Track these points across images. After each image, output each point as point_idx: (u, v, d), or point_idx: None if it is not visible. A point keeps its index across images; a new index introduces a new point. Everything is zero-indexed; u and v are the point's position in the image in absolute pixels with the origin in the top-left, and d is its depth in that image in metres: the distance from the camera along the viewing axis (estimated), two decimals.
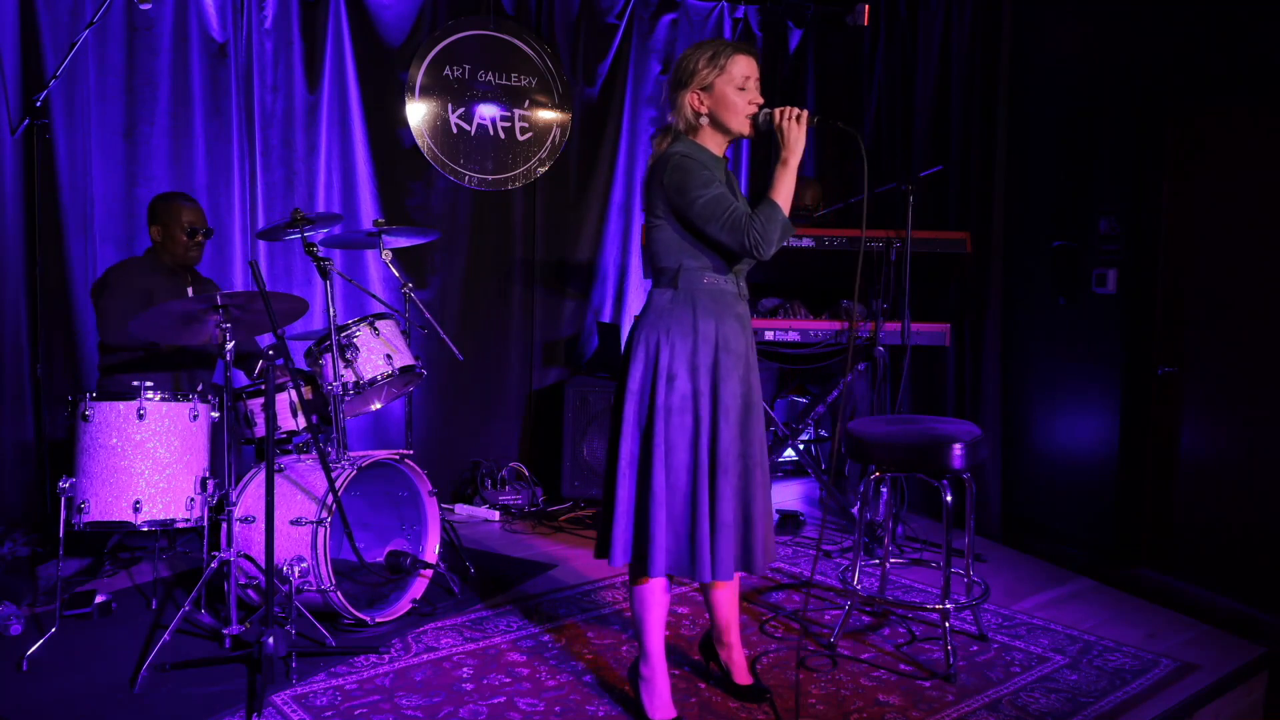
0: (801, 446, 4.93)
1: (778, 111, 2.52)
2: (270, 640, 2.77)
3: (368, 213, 4.72)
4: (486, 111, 4.99)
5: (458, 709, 2.75)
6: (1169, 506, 3.96)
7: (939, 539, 4.21)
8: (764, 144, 5.68)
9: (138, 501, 3.08)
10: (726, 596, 2.80)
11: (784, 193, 2.49)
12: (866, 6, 5.01)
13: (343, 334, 3.50)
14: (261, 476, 3.31)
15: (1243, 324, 3.68)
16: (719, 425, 2.52)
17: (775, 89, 5.65)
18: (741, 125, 2.56)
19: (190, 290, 3.81)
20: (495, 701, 2.80)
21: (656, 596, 2.63)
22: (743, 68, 2.55)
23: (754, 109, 2.55)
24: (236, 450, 3.70)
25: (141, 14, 4.16)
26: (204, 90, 4.34)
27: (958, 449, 3.04)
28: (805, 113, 2.50)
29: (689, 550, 2.53)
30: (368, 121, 4.72)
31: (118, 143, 4.21)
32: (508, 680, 2.93)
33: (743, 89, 2.55)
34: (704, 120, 2.58)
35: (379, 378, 3.53)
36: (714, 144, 2.62)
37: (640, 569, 2.56)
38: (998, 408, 4.48)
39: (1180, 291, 3.90)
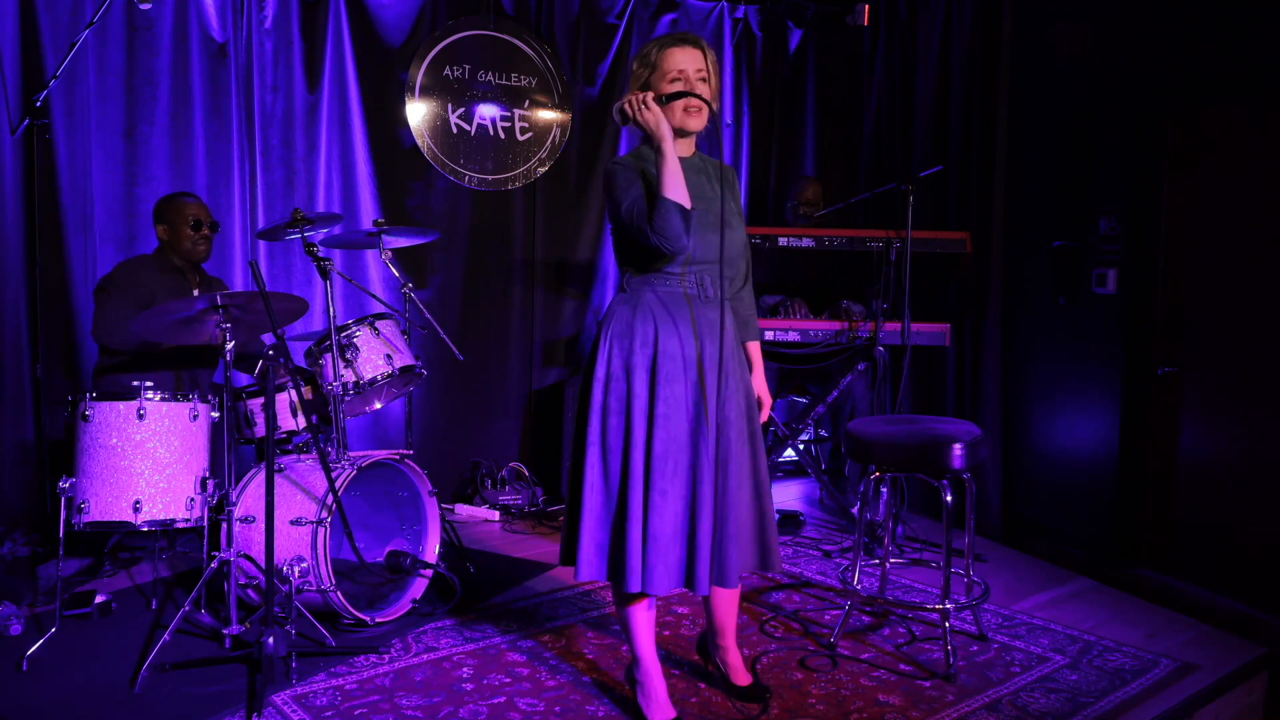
0: (801, 446, 4.93)
1: (625, 106, 2.44)
2: (270, 640, 2.77)
3: (368, 213, 4.72)
4: (486, 111, 4.99)
5: (458, 709, 2.75)
6: (1169, 506, 3.96)
7: (939, 539, 4.20)
8: (766, 137, 5.68)
9: (138, 501, 3.08)
10: (722, 601, 2.78)
11: (667, 183, 2.38)
12: (866, 6, 5.02)
13: (343, 334, 3.50)
14: (261, 476, 3.31)
15: (1243, 324, 3.68)
16: (654, 432, 2.44)
17: (775, 89, 5.65)
18: (682, 119, 2.46)
19: (196, 290, 3.81)
20: (495, 701, 2.80)
21: (638, 599, 2.61)
22: (677, 60, 2.45)
23: (695, 103, 2.45)
24: (236, 450, 3.71)
25: (141, 14, 4.16)
26: (204, 90, 4.34)
27: (958, 449, 3.04)
28: (649, 95, 2.41)
29: (617, 556, 2.48)
30: (368, 121, 4.72)
31: (118, 143, 4.21)
32: (508, 680, 2.93)
33: (677, 81, 2.45)
34: None
35: (379, 378, 3.53)
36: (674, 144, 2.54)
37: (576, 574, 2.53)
38: (998, 408, 4.48)
39: (1180, 291, 3.90)
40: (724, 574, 2.50)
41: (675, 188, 2.39)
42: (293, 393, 3.54)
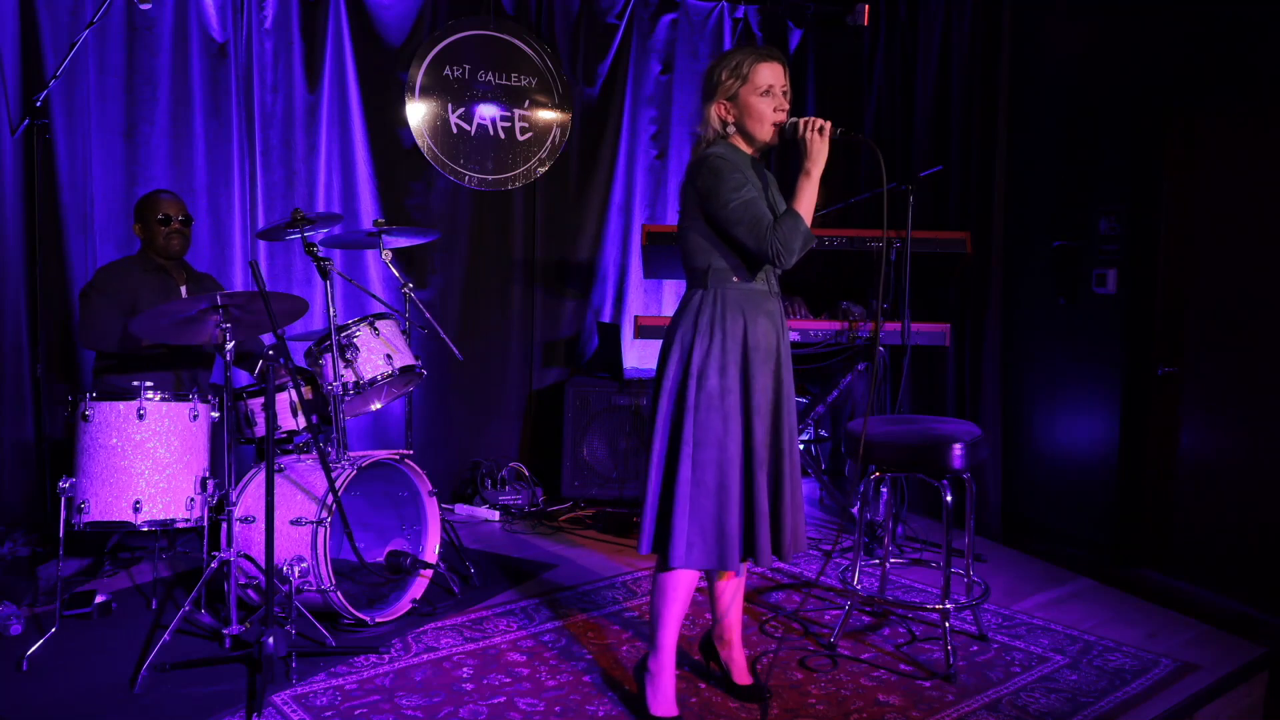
0: (801, 447, 4.93)
1: (802, 122, 2.54)
2: (270, 640, 2.77)
3: (368, 213, 4.72)
4: (486, 111, 4.99)
5: (458, 709, 2.75)
6: (1169, 506, 3.96)
7: (939, 539, 4.20)
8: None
9: (138, 501, 3.08)
10: (731, 593, 2.81)
11: (806, 203, 2.52)
12: (866, 6, 5.01)
13: (343, 334, 3.50)
14: (261, 476, 3.31)
15: (1243, 324, 3.68)
16: (752, 421, 2.56)
17: None
18: (766, 133, 2.58)
19: (184, 289, 3.79)
20: (495, 701, 2.80)
21: (680, 591, 2.64)
22: (766, 75, 2.57)
23: (781, 116, 2.57)
24: (236, 450, 3.70)
25: (141, 14, 4.16)
26: (204, 90, 4.34)
27: (958, 449, 3.04)
28: (828, 124, 2.52)
29: (716, 543, 2.55)
30: (368, 121, 4.72)
31: (118, 143, 4.21)
32: (508, 680, 2.93)
33: (766, 94, 2.57)
34: (731, 129, 2.62)
35: (379, 378, 3.53)
36: (745, 152, 2.65)
37: (663, 561, 2.60)
38: (998, 408, 4.48)
39: (1180, 291, 3.90)
40: (781, 548, 2.65)
41: (810, 211, 2.52)
42: (293, 393, 3.54)
